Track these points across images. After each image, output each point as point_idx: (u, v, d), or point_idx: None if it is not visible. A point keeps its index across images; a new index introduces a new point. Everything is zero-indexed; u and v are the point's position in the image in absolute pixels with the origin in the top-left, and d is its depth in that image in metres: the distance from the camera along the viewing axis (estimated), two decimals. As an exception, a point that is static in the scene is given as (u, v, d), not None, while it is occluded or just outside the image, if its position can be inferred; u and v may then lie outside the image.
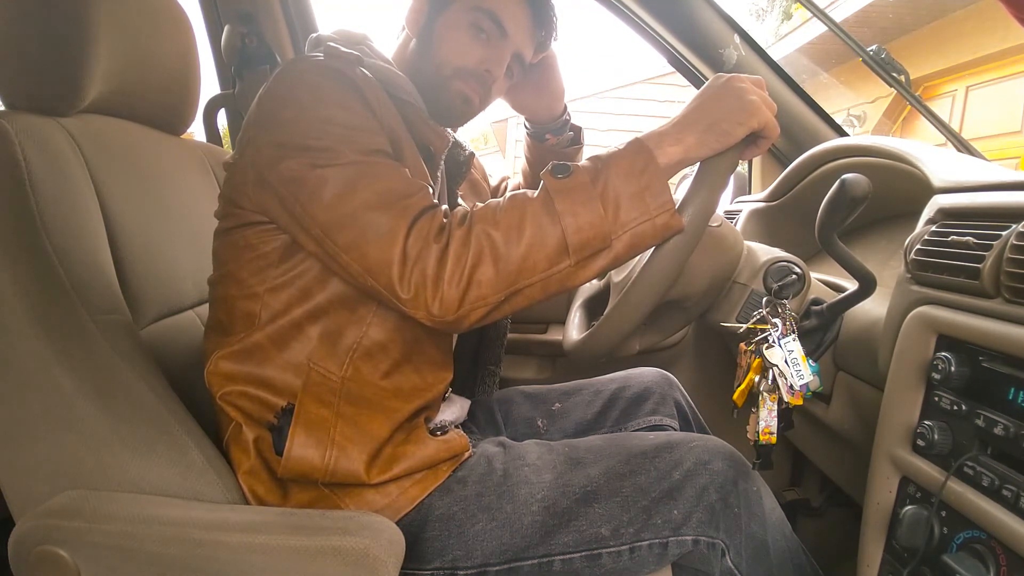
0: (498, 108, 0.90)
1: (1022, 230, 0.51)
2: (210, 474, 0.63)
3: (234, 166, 0.68)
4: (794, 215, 1.12)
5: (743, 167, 1.51)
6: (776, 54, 1.60)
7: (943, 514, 0.56)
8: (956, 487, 0.54)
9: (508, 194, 0.63)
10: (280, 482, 0.66)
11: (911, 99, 1.10)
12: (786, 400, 0.71)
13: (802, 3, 1.15)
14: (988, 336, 0.53)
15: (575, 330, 0.95)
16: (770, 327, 0.73)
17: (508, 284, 0.59)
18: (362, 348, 0.68)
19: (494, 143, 10.18)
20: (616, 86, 7.60)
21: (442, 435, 0.73)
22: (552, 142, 0.97)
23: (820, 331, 0.78)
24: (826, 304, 0.77)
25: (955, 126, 1.75)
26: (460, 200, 0.90)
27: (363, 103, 0.65)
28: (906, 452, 0.60)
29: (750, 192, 1.46)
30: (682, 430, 0.92)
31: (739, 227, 1.17)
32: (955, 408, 0.55)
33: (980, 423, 0.52)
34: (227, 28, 1.37)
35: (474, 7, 0.76)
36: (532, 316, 1.42)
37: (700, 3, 1.23)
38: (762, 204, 1.17)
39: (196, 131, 1.42)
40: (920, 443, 0.58)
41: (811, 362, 0.71)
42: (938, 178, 0.71)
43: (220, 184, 0.83)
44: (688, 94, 0.73)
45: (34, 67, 0.67)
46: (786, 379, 0.70)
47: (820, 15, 1.14)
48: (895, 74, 1.10)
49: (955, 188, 0.68)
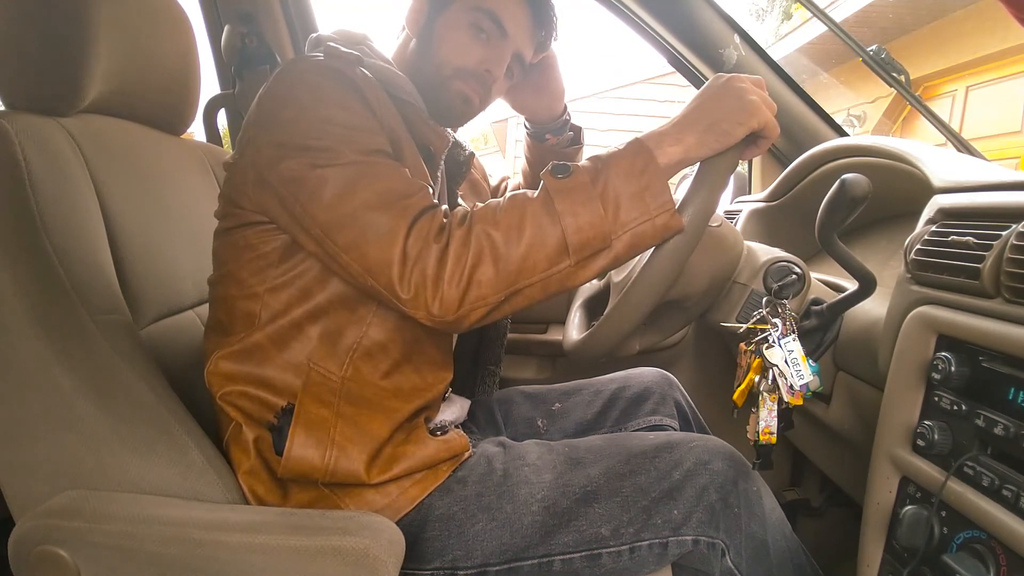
0: (498, 108, 0.90)
1: (1022, 230, 0.51)
2: (210, 474, 0.63)
3: (234, 166, 0.68)
4: (794, 215, 1.12)
5: (743, 167, 1.51)
6: (776, 54, 1.60)
7: (943, 514, 0.56)
8: (956, 487, 0.54)
9: (508, 194, 0.63)
10: (280, 482, 0.66)
11: (911, 99, 1.10)
12: (786, 400, 0.71)
13: (802, 3, 1.15)
14: (988, 336, 0.53)
15: (575, 330, 0.95)
16: (770, 327, 0.73)
17: (508, 284, 0.59)
18: (362, 348, 0.68)
19: (494, 143, 10.18)
20: (616, 86, 7.60)
21: (442, 435, 0.73)
22: (552, 142, 0.97)
23: (820, 331, 0.78)
24: (826, 304, 0.77)
25: (955, 126, 1.75)
26: (460, 200, 0.90)
27: (363, 103, 0.65)
28: (906, 452, 0.60)
29: (750, 192, 1.46)
30: (682, 430, 0.92)
31: (739, 227, 1.17)
32: (955, 408, 0.55)
33: (980, 423, 0.52)
34: (227, 28, 1.37)
35: (474, 7, 0.76)
36: (532, 316, 1.41)
37: (700, 3, 1.23)
38: (762, 204, 1.17)
39: (196, 131, 1.42)
40: (920, 443, 0.58)
41: (811, 362, 0.71)
42: (938, 178, 0.71)
43: (220, 184, 0.83)
44: (688, 94, 0.73)
45: (34, 67, 0.67)
46: (786, 379, 0.70)
47: (820, 15, 1.14)
48: (895, 74, 1.10)
49: (955, 188, 0.68)
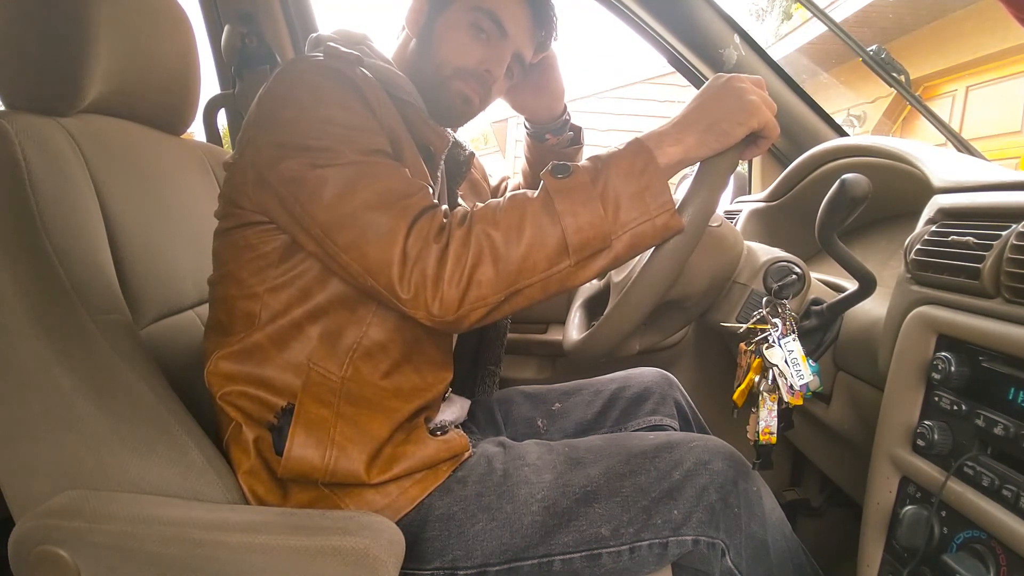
0: (498, 108, 0.90)
1: (1022, 230, 0.51)
2: (210, 474, 0.63)
3: (234, 166, 0.68)
4: (794, 215, 1.12)
5: (743, 167, 1.51)
6: (776, 54, 1.60)
7: (943, 514, 0.56)
8: (956, 487, 0.54)
9: (508, 194, 0.63)
10: (280, 482, 0.66)
11: (911, 99, 1.10)
12: (786, 400, 0.71)
13: (802, 3, 1.15)
14: (988, 336, 0.53)
15: (575, 330, 0.95)
16: (770, 327, 0.73)
17: (508, 284, 0.59)
18: (362, 348, 0.68)
19: (494, 143, 10.18)
20: (616, 86, 7.60)
21: (442, 435, 0.73)
22: (552, 142, 0.97)
23: (820, 331, 0.78)
24: (826, 304, 0.77)
25: (955, 126, 1.75)
26: (460, 200, 0.90)
27: (363, 103, 0.65)
28: (906, 452, 0.60)
29: (750, 192, 1.46)
30: (682, 430, 0.92)
31: (739, 227, 1.17)
32: (955, 408, 0.55)
33: (980, 423, 0.52)
34: (227, 28, 1.37)
35: (474, 7, 0.76)
36: (532, 316, 1.41)
37: (700, 3, 1.23)
38: (762, 204, 1.17)
39: (196, 131, 1.42)
40: (920, 443, 0.58)
41: (811, 362, 0.71)
42: (938, 178, 0.71)
43: (220, 184, 0.83)
44: (688, 94, 0.73)
45: (34, 67, 0.67)
46: (786, 379, 0.70)
47: (820, 15, 1.14)
48: (895, 74, 1.10)
49: (955, 188, 0.68)
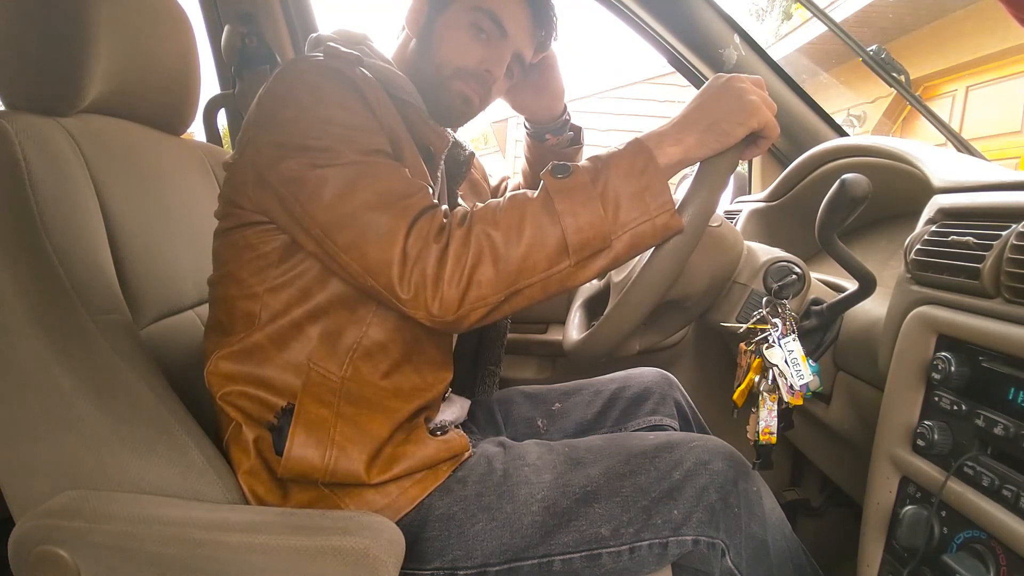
0: (498, 108, 0.90)
1: (1022, 230, 0.51)
2: (210, 474, 0.63)
3: (234, 166, 0.68)
4: (794, 215, 1.12)
5: (743, 167, 1.51)
6: (776, 54, 1.60)
7: (943, 514, 0.56)
8: (956, 487, 0.54)
9: (508, 194, 0.63)
10: (280, 482, 0.66)
11: (911, 99, 1.10)
12: (786, 400, 0.71)
13: (802, 3, 1.15)
14: (988, 336, 0.53)
15: (575, 330, 0.95)
16: (770, 327, 0.73)
17: (508, 284, 0.59)
18: (362, 348, 0.68)
19: (494, 143, 10.18)
20: (616, 86, 7.60)
21: (442, 435, 0.73)
22: (552, 142, 0.97)
23: (820, 331, 0.78)
24: (826, 304, 0.77)
25: (955, 126, 1.75)
26: (460, 200, 0.90)
27: (363, 103, 0.65)
28: (906, 452, 0.60)
29: (750, 192, 1.46)
30: (682, 430, 0.92)
31: (739, 227, 1.17)
32: (955, 408, 0.55)
33: (980, 423, 0.52)
34: (227, 28, 1.37)
35: (474, 7, 0.76)
36: (532, 316, 1.41)
37: (700, 3, 1.23)
38: (762, 204, 1.17)
39: (196, 131, 1.42)
40: (920, 443, 0.58)
41: (811, 362, 0.71)
42: (938, 178, 0.71)
43: (220, 184, 0.83)
44: (688, 94, 0.73)
45: (34, 67, 0.67)
46: (786, 379, 0.70)
47: (820, 15, 1.14)
48: (895, 74, 1.10)
49: (955, 188, 0.68)
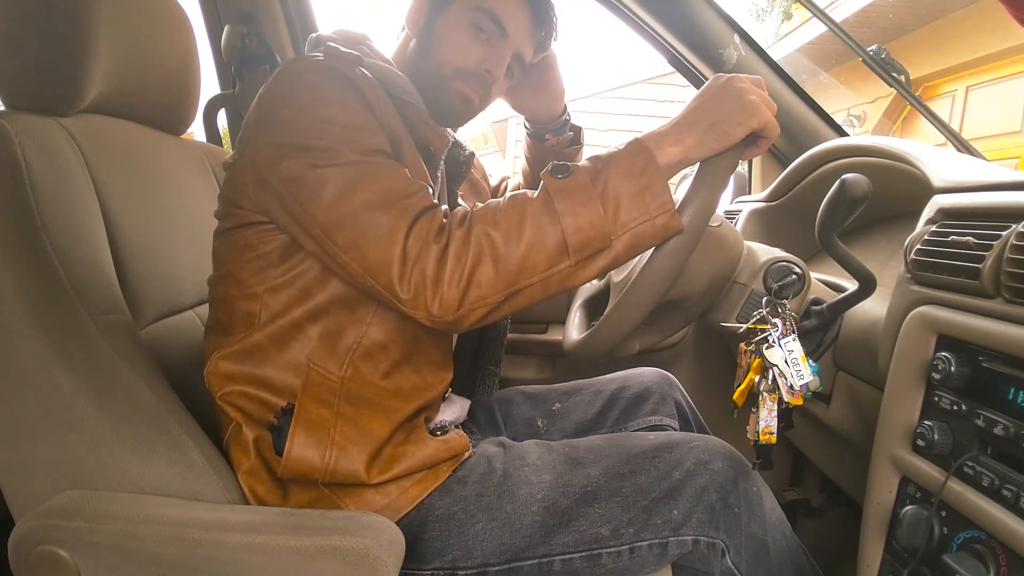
0: (498, 108, 0.90)
1: (1022, 230, 0.51)
2: (210, 474, 0.63)
3: (234, 166, 0.68)
4: (794, 215, 1.12)
5: (743, 167, 1.51)
6: (776, 54, 1.60)
7: (943, 514, 0.56)
8: (956, 487, 0.54)
9: (508, 194, 0.63)
10: (280, 482, 0.66)
11: (911, 99, 1.10)
12: (786, 400, 0.71)
13: (802, 3, 1.15)
14: (988, 336, 0.53)
15: (575, 330, 0.95)
16: (770, 327, 0.73)
17: (508, 284, 0.59)
18: (362, 348, 0.68)
19: (494, 143, 10.18)
20: (616, 86, 7.60)
21: (442, 435, 0.73)
22: (552, 142, 0.97)
23: (820, 331, 0.78)
24: (826, 304, 0.77)
25: (955, 126, 1.75)
26: (460, 200, 0.90)
27: (363, 103, 0.65)
28: (906, 452, 0.60)
29: (750, 192, 1.46)
30: (682, 430, 0.92)
31: (739, 227, 1.17)
32: (955, 408, 0.55)
33: (980, 423, 0.52)
34: (227, 28, 1.37)
35: (474, 7, 0.76)
36: (532, 316, 1.41)
37: (700, 3, 1.23)
38: (762, 204, 1.17)
39: (196, 131, 1.42)
40: (920, 443, 0.58)
41: (811, 362, 0.71)
42: (938, 178, 0.71)
43: (220, 184, 0.83)
44: (688, 94, 0.73)
45: (34, 67, 0.67)
46: (786, 379, 0.70)
47: (820, 15, 1.14)
48: (895, 74, 1.10)
49: (955, 188, 0.68)
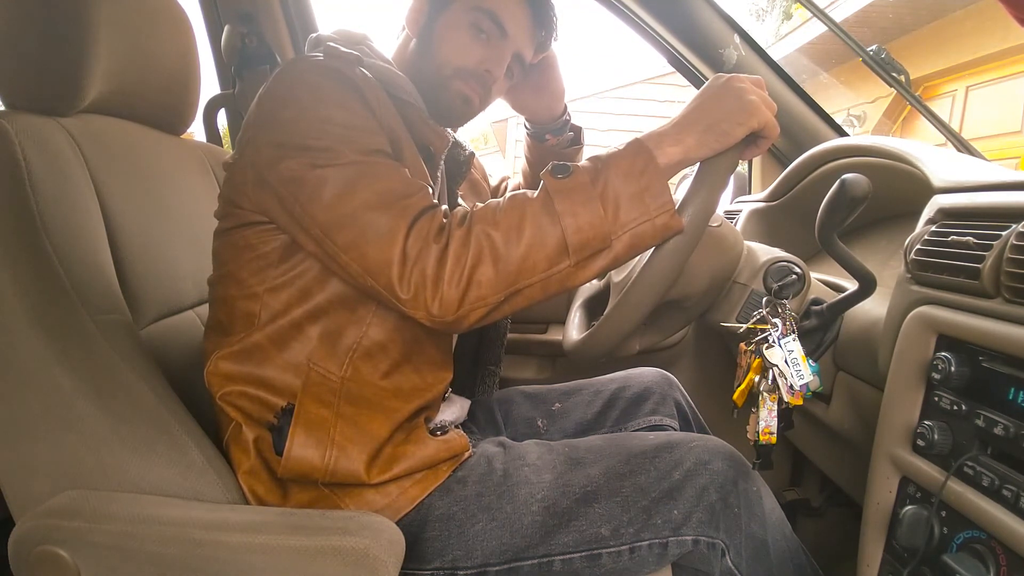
0: (498, 108, 0.90)
1: (1022, 230, 0.51)
2: (210, 474, 0.63)
3: (234, 166, 0.68)
4: (794, 215, 1.12)
5: (743, 167, 1.51)
6: (776, 54, 1.60)
7: (943, 514, 0.56)
8: (956, 487, 0.54)
9: (508, 194, 0.63)
10: (280, 482, 0.66)
11: (911, 99, 1.10)
12: (786, 400, 0.71)
13: (802, 3, 1.15)
14: (988, 336, 0.53)
15: (575, 330, 0.95)
16: (770, 327, 0.73)
17: (508, 284, 0.59)
18: (362, 348, 0.68)
19: (494, 143, 10.18)
20: (616, 86, 7.60)
21: (442, 435, 0.73)
22: (552, 142, 0.97)
23: (820, 331, 0.78)
24: (826, 304, 0.77)
25: (955, 126, 1.75)
26: (460, 200, 0.90)
27: (363, 103, 0.65)
28: (906, 452, 0.60)
29: (750, 192, 1.46)
30: (682, 430, 0.92)
31: (739, 227, 1.17)
32: (955, 408, 0.55)
33: (980, 423, 0.52)
34: (227, 28, 1.37)
35: (474, 7, 0.76)
36: (532, 316, 1.41)
37: (700, 3, 1.23)
38: (762, 204, 1.17)
39: (196, 131, 1.42)
40: (920, 443, 0.58)
41: (811, 362, 0.71)
42: (938, 178, 0.71)
43: (220, 184, 0.83)
44: (688, 94, 0.73)
45: (34, 67, 0.67)
46: (786, 379, 0.70)
47: (820, 15, 1.14)
48: (895, 74, 1.10)
49: (955, 188, 0.68)
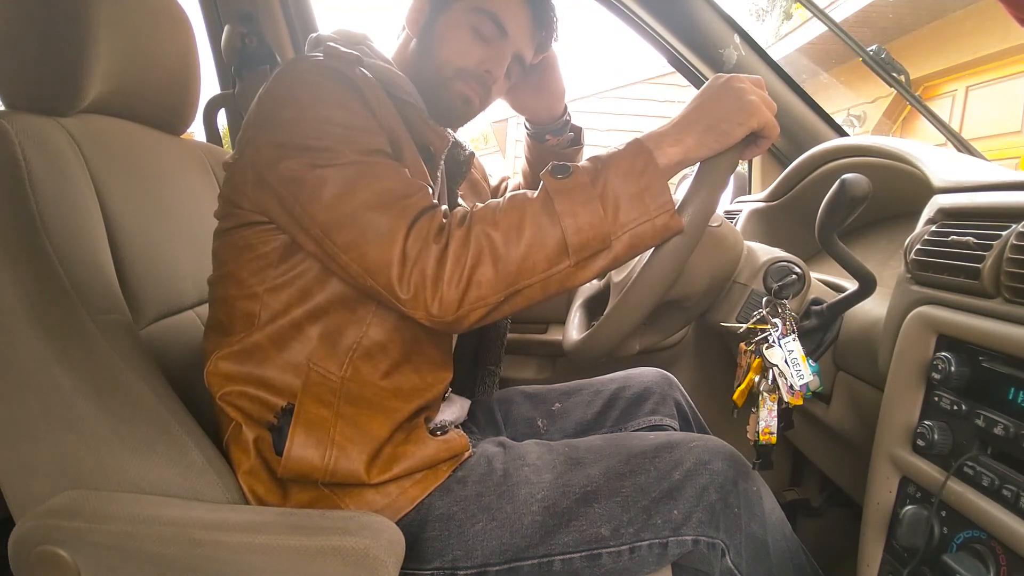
0: (498, 108, 0.90)
1: (1022, 230, 0.51)
2: (210, 474, 0.63)
3: (234, 166, 0.68)
4: (794, 215, 1.12)
5: (743, 167, 1.51)
6: (776, 54, 1.60)
7: (943, 514, 0.56)
8: (956, 487, 0.54)
9: (508, 194, 0.63)
10: (280, 482, 0.66)
11: (911, 99, 1.10)
12: (786, 400, 0.71)
13: (802, 3, 1.15)
14: (988, 336, 0.53)
15: (575, 330, 0.95)
16: (770, 327, 0.73)
17: (507, 284, 0.59)
18: (362, 348, 0.68)
19: (494, 143, 10.18)
20: (616, 86, 7.59)
21: (442, 435, 0.73)
22: (552, 143, 0.97)
23: (820, 331, 0.78)
24: (826, 304, 0.77)
25: (955, 126, 1.75)
26: (460, 200, 0.90)
27: (363, 103, 0.65)
28: (906, 452, 0.60)
29: (750, 192, 1.46)
30: (682, 430, 0.92)
31: (739, 227, 1.17)
32: (955, 408, 0.55)
33: (980, 423, 0.52)
34: (227, 28, 1.37)
35: (475, 8, 0.76)
36: (532, 316, 1.41)
37: (700, 3, 1.23)
38: (762, 204, 1.17)
39: (196, 131, 1.42)
40: (920, 443, 0.58)
41: (811, 362, 0.71)
42: (938, 178, 0.71)
43: (220, 184, 0.83)
44: (688, 94, 0.73)
45: (34, 67, 0.67)
46: (786, 379, 0.70)
47: (820, 15, 1.14)
48: (895, 74, 1.10)
49: (955, 188, 0.68)
